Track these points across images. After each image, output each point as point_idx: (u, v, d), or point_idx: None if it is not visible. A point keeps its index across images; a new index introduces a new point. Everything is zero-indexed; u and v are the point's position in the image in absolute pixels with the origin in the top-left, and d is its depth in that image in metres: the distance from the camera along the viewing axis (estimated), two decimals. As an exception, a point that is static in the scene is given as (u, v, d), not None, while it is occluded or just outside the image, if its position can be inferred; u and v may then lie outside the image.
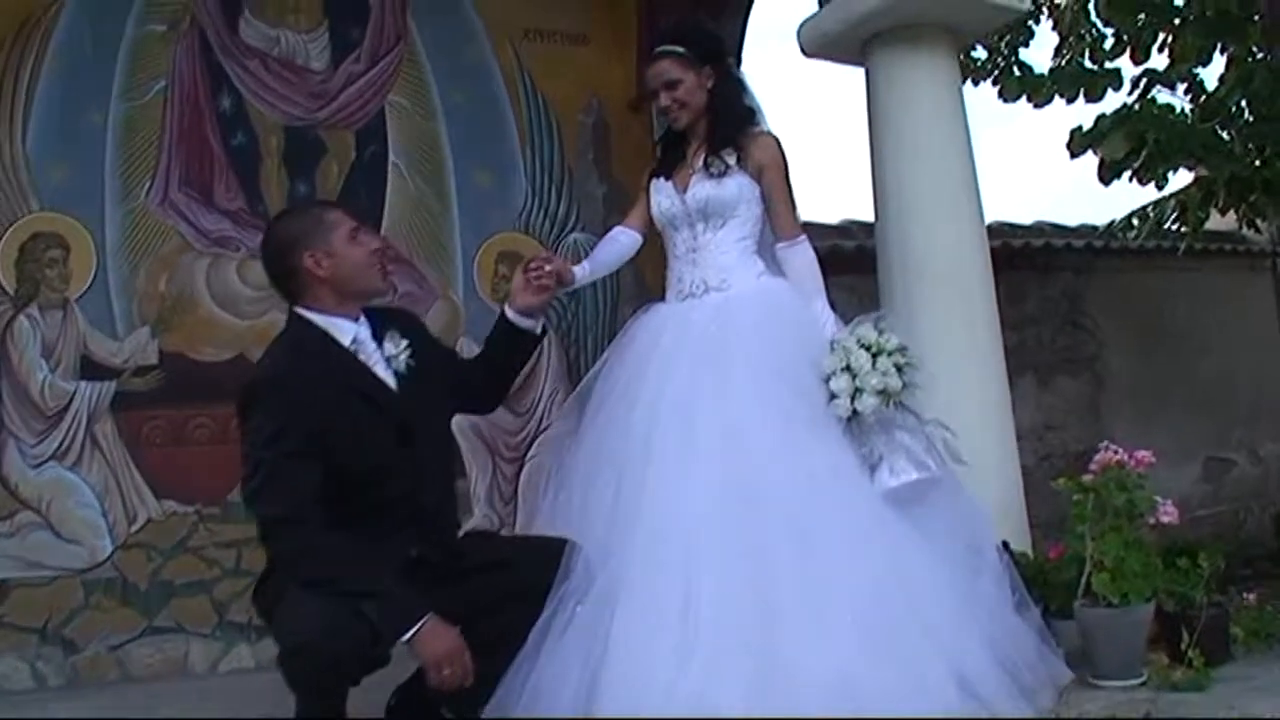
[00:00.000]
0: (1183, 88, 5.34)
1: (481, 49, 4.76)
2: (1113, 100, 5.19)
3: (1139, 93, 5.15)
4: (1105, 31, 5.38)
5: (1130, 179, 4.94)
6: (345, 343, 2.43)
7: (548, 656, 2.35)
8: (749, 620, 2.33)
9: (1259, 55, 5.14)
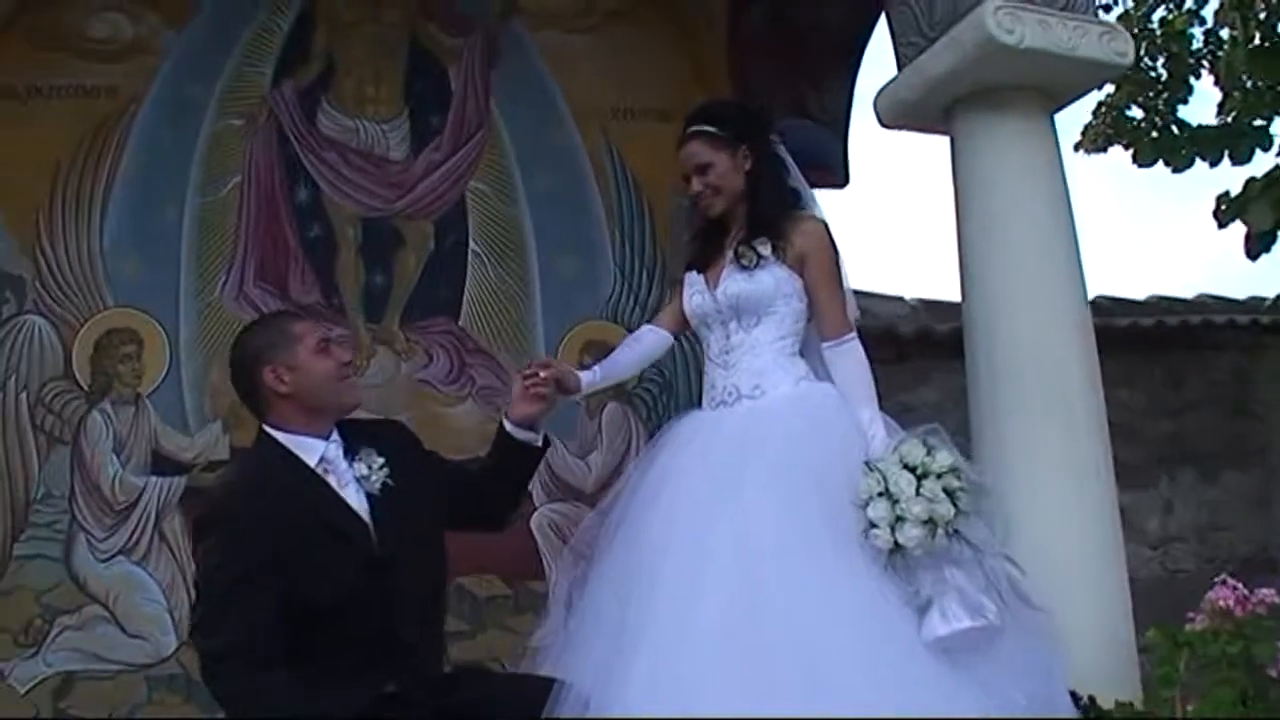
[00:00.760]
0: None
1: (567, 130, 4.60)
2: (1262, 162, 4.59)
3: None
4: (1261, 85, 4.76)
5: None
6: (312, 463, 2.26)
7: None
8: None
9: None
